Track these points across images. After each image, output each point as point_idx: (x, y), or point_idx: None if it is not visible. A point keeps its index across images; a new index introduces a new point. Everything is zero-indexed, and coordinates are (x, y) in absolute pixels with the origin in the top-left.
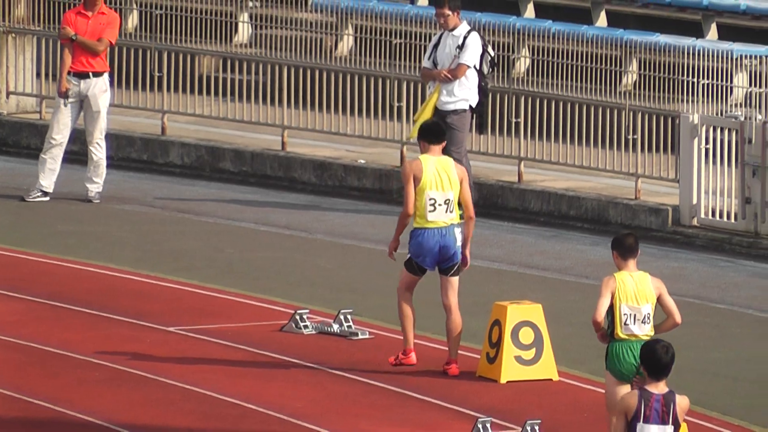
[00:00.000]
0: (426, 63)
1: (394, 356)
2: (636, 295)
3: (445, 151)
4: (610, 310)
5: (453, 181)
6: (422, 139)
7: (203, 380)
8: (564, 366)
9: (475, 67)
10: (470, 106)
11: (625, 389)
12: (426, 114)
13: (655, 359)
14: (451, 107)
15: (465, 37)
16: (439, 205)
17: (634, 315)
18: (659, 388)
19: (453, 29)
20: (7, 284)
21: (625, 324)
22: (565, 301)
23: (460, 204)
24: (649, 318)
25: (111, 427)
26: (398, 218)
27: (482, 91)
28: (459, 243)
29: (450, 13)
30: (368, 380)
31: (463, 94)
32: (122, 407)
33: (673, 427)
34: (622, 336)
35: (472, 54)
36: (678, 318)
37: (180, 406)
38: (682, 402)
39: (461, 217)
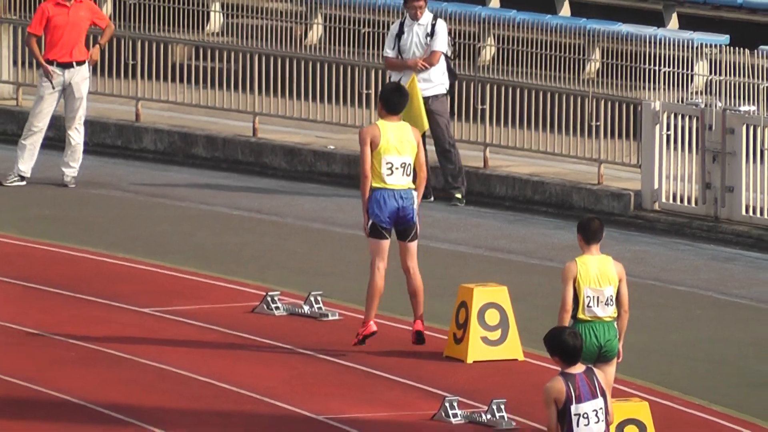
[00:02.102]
0: (389, 53)
1: (356, 336)
2: (599, 278)
3: (437, 139)
4: (574, 294)
5: (411, 146)
6: (383, 107)
7: (177, 360)
8: (529, 347)
9: (445, 52)
10: (446, 89)
11: (554, 379)
12: (415, 99)
13: (566, 347)
14: (432, 92)
15: (433, 25)
16: (396, 168)
17: (597, 297)
18: (578, 368)
19: (419, 20)
20: None
21: (587, 306)
22: (529, 283)
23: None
24: (612, 300)
25: (86, 406)
26: (360, 187)
27: (452, 73)
28: (415, 205)
29: (424, 4)
30: (338, 360)
31: (439, 79)
32: (97, 386)
33: (602, 398)
34: (585, 317)
35: (443, 40)
36: (627, 309)
37: (155, 386)
38: (600, 374)
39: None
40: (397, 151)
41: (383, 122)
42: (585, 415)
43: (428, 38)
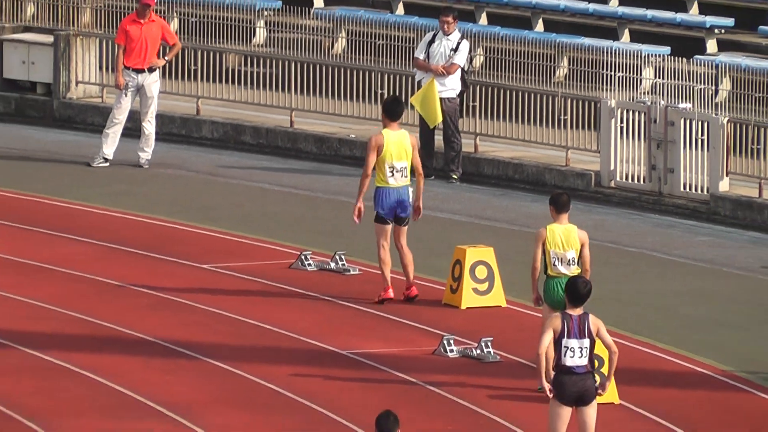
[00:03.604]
0: (419, 55)
1: (377, 297)
2: (563, 242)
3: (444, 130)
4: (545, 253)
5: (408, 153)
6: (385, 116)
7: (229, 306)
8: (510, 296)
9: (463, 66)
10: (457, 94)
11: (555, 314)
12: (429, 98)
13: (575, 291)
14: (445, 95)
15: (459, 43)
16: (397, 171)
17: (561, 258)
18: (576, 312)
19: (449, 34)
20: (75, 231)
21: (554, 264)
22: (511, 245)
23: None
24: (574, 261)
25: (157, 342)
26: (359, 182)
27: (464, 83)
28: (411, 199)
29: (453, 21)
30: (357, 306)
31: (452, 84)
32: (165, 327)
33: (588, 340)
34: (552, 273)
35: (463, 56)
36: (588, 266)
37: (210, 327)
38: (594, 321)
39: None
40: (397, 158)
41: (387, 131)
42: (572, 349)
43: (452, 52)
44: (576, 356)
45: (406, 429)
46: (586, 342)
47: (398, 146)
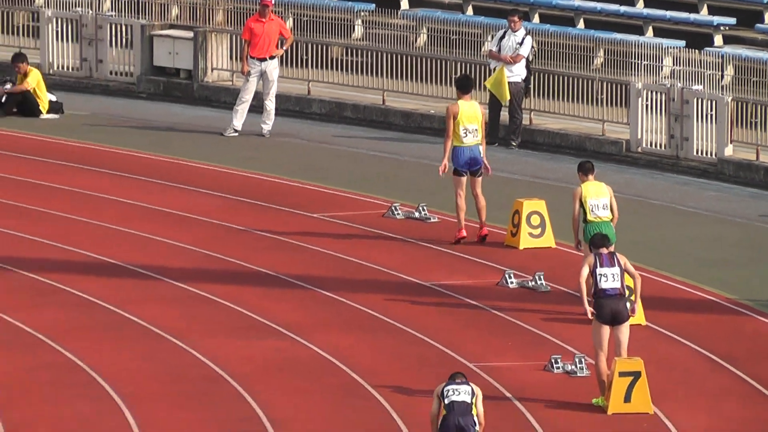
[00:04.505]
0: (493, 47)
1: (453, 237)
2: (596, 192)
3: (510, 107)
4: (582, 206)
5: (478, 118)
6: (459, 91)
7: (334, 247)
8: (559, 239)
9: (527, 56)
10: (522, 79)
11: (590, 253)
12: (500, 81)
13: (597, 241)
14: (512, 79)
15: (524, 38)
16: (469, 132)
17: (598, 203)
18: (604, 251)
19: (516, 31)
20: (210, 187)
21: (592, 211)
22: (558, 199)
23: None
24: (606, 206)
25: (276, 275)
26: (443, 144)
27: (528, 70)
28: (482, 155)
29: (519, 20)
30: (436, 247)
31: (518, 71)
32: (282, 264)
33: (618, 267)
34: (591, 218)
35: (527, 49)
36: (617, 213)
37: (320, 264)
38: (621, 256)
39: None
40: (469, 121)
41: (461, 101)
42: (605, 275)
43: (518, 45)
44: (609, 281)
45: (476, 344)
46: (616, 269)
47: (469, 112)
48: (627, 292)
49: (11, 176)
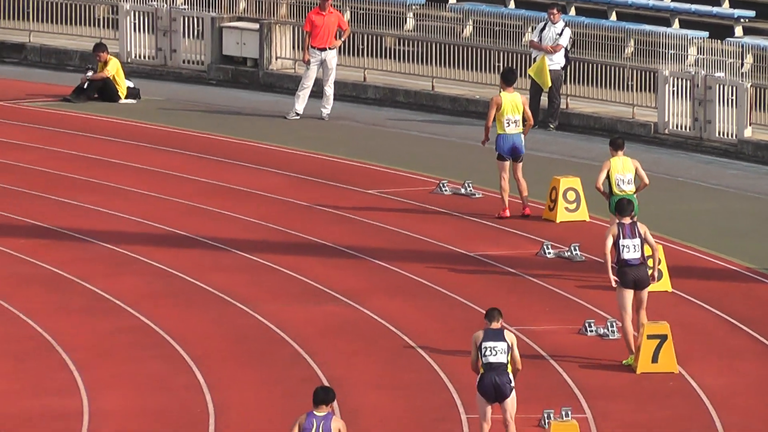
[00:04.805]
0: (534, 38)
1: (497, 215)
2: (623, 167)
3: (549, 92)
4: (609, 179)
5: (519, 108)
6: (504, 82)
7: (387, 220)
8: (592, 212)
9: (566, 46)
10: (561, 67)
11: (615, 224)
12: (542, 69)
13: (622, 207)
14: (552, 67)
15: (563, 29)
16: (512, 122)
17: (623, 179)
18: (627, 221)
19: (555, 23)
20: (275, 166)
21: (617, 184)
22: (592, 176)
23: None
24: (631, 181)
25: (334, 246)
26: (485, 126)
27: (567, 59)
28: (522, 143)
29: (558, 13)
30: (480, 220)
31: (558, 60)
32: (340, 235)
33: (639, 239)
34: (617, 192)
35: (565, 39)
36: (647, 180)
37: (373, 236)
38: (641, 226)
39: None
40: (511, 112)
41: (504, 93)
42: (626, 246)
43: (558, 36)
44: (631, 251)
45: (516, 309)
46: (637, 240)
47: (512, 104)
48: (650, 261)
49: (93, 156)
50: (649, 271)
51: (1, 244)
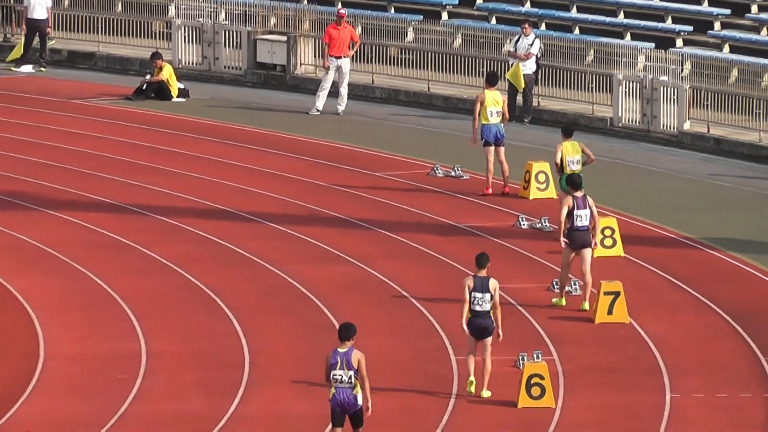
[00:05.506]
0: (511, 48)
1: (481, 192)
2: (572, 150)
3: (523, 93)
4: (561, 160)
5: (499, 102)
6: (487, 83)
7: (390, 197)
8: (559, 191)
9: (536, 54)
10: (533, 71)
11: (569, 197)
12: (517, 73)
13: (575, 182)
14: (525, 72)
15: (533, 41)
16: (495, 113)
17: (573, 160)
18: (579, 194)
19: (527, 35)
20: (298, 152)
21: (568, 165)
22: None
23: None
24: (579, 162)
25: (348, 219)
26: (472, 122)
27: (537, 64)
28: (503, 131)
29: (529, 27)
30: (467, 198)
31: (530, 66)
32: (352, 209)
33: (588, 210)
34: (567, 171)
35: (536, 49)
36: (593, 157)
37: (381, 210)
38: (589, 199)
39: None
40: (493, 105)
41: (487, 91)
42: (579, 216)
43: (529, 46)
44: (582, 220)
45: (496, 270)
46: (587, 211)
47: (493, 99)
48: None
49: (149, 144)
50: (592, 236)
51: (75, 216)
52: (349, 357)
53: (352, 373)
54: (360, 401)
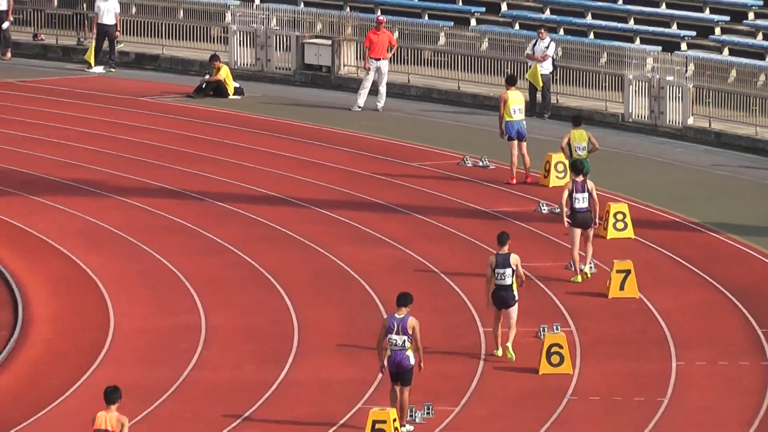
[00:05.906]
0: (529, 51)
1: (505, 181)
2: (579, 138)
3: (543, 91)
4: (569, 146)
5: (521, 101)
6: (507, 84)
7: (424, 185)
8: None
9: (552, 56)
10: (549, 71)
11: (570, 181)
12: (535, 74)
13: (576, 167)
14: (542, 72)
15: (549, 44)
16: (517, 111)
17: (579, 146)
18: (579, 178)
19: (543, 39)
20: (341, 144)
21: (575, 150)
22: None
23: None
24: (585, 148)
25: (388, 205)
26: (498, 119)
27: (554, 66)
28: (525, 127)
29: (544, 32)
30: (494, 185)
31: (547, 66)
32: (390, 195)
33: (587, 193)
34: (575, 155)
35: (552, 51)
36: (598, 145)
37: (417, 196)
38: (589, 183)
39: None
40: (515, 104)
41: (509, 91)
42: (578, 198)
43: (545, 49)
44: (580, 202)
45: (519, 250)
46: (585, 194)
47: (516, 98)
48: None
49: (209, 137)
50: (593, 217)
51: (141, 202)
52: (405, 323)
53: (406, 337)
54: (412, 362)
